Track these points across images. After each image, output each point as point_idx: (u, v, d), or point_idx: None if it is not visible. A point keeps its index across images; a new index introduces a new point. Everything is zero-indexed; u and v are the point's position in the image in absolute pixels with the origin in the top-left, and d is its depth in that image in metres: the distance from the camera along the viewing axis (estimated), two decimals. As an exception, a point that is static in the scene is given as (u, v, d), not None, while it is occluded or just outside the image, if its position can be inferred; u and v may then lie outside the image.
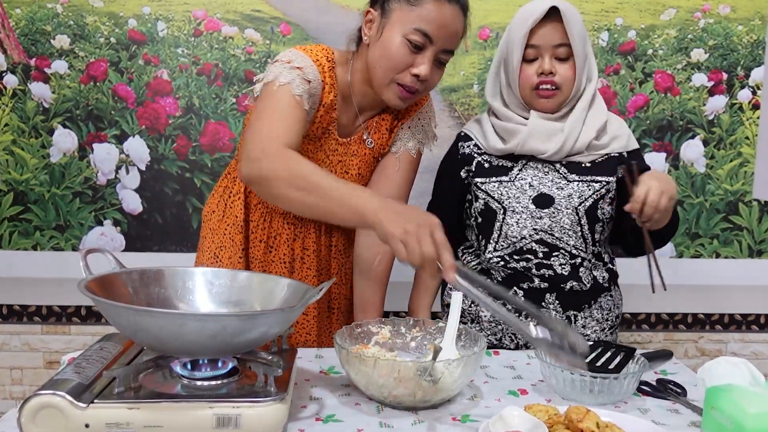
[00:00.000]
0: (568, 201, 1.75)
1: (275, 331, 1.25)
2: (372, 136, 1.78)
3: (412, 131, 1.82)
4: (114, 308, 1.19)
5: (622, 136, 1.82)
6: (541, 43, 1.74)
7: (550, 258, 1.76)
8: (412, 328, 1.56)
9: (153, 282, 1.41)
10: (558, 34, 1.73)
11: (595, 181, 1.77)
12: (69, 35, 2.66)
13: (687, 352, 2.93)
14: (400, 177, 1.81)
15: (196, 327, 1.14)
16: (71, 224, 2.75)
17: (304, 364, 1.57)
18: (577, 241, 1.77)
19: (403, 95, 1.65)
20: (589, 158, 1.79)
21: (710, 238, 2.85)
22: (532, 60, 1.76)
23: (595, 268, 1.80)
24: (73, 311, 2.82)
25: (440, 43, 1.61)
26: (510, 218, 1.77)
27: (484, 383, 1.49)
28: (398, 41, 1.60)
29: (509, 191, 1.78)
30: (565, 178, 1.77)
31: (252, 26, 2.68)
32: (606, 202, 1.78)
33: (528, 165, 1.80)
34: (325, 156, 1.75)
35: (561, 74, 1.75)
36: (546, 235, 1.76)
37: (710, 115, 2.79)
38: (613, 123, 1.84)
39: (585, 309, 1.79)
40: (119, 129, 2.71)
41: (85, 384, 1.18)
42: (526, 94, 1.79)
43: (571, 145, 1.76)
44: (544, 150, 1.77)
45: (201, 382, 1.23)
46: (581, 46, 1.75)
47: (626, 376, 1.35)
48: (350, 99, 1.73)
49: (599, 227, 1.78)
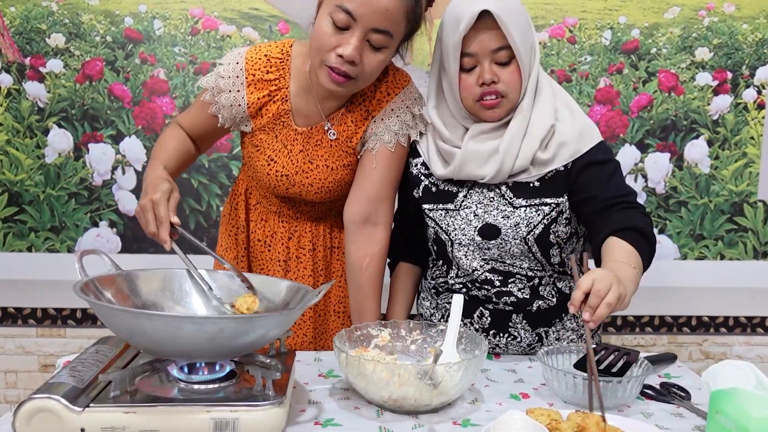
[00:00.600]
0: (515, 231, 1.64)
1: (273, 333, 1.25)
2: (336, 127, 1.75)
3: (387, 124, 1.74)
4: (110, 311, 1.19)
5: (570, 142, 1.63)
6: (477, 50, 1.58)
7: (507, 285, 1.68)
8: (413, 331, 1.56)
9: (149, 284, 1.41)
10: (494, 37, 1.57)
11: (545, 204, 1.64)
12: (64, 34, 2.66)
13: (691, 355, 2.93)
14: (378, 174, 1.75)
15: (193, 330, 1.14)
16: (66, 225, 2.75)
17: (303, 367, 1.57)
18: (532, 264, 1.68)
19: (332, 77, 1.60)
20: (537, 175, 1.65)
21: (715, 239, 2.85)
22: (470, 69, 1.61)
23: (559, 280, 1.71)
24: (69, 314, 2.81)
25: (365, 22, 1.54)
26: (458, 251, 1.69)
27: (486, 387, 1.49)
28: (324, 21, 1.57)
29: (455, 221, 1.69)
30: (510, 204, 1.65)
31: (250, 24, 2.68)
32: (561, 224, 1.65)
33: (473, 190, 1.69)
34: (283, 146, 1.75)
35: (505, 81, 1.60)
36: (497, 264, 1.68)
37: (715, 114, 2.79)
38: (564, 121, 1.66)
39: (556, 323, 1.72)
40: (115, 129, 2.71)
41: (81, 388, 1.18)
42: (469, 106, 1.65)
43: (509, 167, 1.62)
44: (482, 174, 1.64)
45: (198, 385, 1.23)
46: (523, 42, 1.60)
47: (629, 380, 1.35)
48: (310, 89, 1.72)
49: (555, 250, 1.67)
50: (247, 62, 1.71)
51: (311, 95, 1.72)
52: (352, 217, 1.77)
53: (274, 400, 1.17)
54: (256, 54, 1.72)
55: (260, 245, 1.85)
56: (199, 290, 1.46)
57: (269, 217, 1.84)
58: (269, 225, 1.84)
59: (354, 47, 1.56)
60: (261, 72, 1.71)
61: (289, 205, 1.82)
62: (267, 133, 1.74)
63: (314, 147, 1.75)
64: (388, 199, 1.79)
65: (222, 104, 1.73)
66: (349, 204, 1.78)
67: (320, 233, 1.85)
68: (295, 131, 1.74)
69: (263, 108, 1.72)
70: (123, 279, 1.38)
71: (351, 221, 1.77)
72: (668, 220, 2.83)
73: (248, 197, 1.86)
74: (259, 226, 1.85)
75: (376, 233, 1.77)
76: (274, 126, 1.74)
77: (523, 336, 1.71)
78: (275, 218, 1.84)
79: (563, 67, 2.73)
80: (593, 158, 1.64)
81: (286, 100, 1.72)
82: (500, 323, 1.71)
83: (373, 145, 1.74)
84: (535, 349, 1.72)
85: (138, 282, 1.40)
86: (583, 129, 1.66)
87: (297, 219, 1.84)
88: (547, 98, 1.66)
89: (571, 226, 1.68)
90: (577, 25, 2.72)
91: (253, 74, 1.71)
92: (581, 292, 1.32)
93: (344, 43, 1.56)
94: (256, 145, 1.76)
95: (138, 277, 1.41)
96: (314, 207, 1.83)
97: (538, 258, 1.67)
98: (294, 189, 1.76)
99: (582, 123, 1.67)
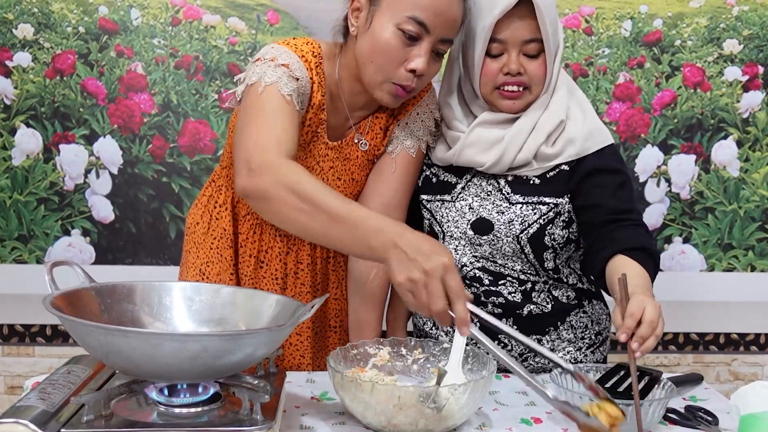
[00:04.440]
0: (508, 228, 1.68)
1: (262, 352, 1.25)
2: (365, 137, 1.76)
3: (411, 128, 1.78)
4: (83, 327, 1.19)
5: (577, 139, 1.68)
6: (508, 37, 1.63)
7: (497, 285, 1.72)
8: (414, 349, 1.56)
9: (126, 298, 1.41)
10: (529, 28, 1.62)
11: (542, 203, 1.69)
12: (33, 24, 2.66)
13: (719, 376, 2.94)
14: (396, 180, 1.78)
15: (174, 348, 1.14)
16: (35, 234, 2.75)
17: (294, 389, 1.57)
18: (525, 266, 1.71)
19: (398, 94, 1.62)
20: (538, 171, 1.70)
21: (744, 249, 2.86)
22: (496, 55, 1.65)
23: (555, 288, 1.75)
24: (38, 330, 2.81)
25: (437, 33, 1.58)
26: (449, 244, 1.74)
27: (494, 411, 1.49)
28: (390, 32, 1.57)
29: (449, 213, 1.74)
30: (507, 200, 1.70)
31: (236, 14, 2.69)
32: (558, 226, 1.69)
33: (472, 182, 1.74)
34: (315, 162, 1.74)
35: (531, 73, 1.65)
36: (488, 263, 1.72)
37: (745, 112, 2.80)
38: (574, 120, 1.71)
39: (550, 331, 1.74)
40: (89, 128, 2.71)
41: (51, 411, 1.18)
42: (487, 92, 1.69)
43: (511, 158, 1.67)
44: (482, 162, 1.69)
45: (179, 409, 1.23)
46: (554, 38, 1.66)
47: (651, 403, 1.36)
48: (339, 98, 1.72)
49: (549, 254, 1.71)
50: (303, 60, 1.64)
51: (340, 104, 1.72)
52: None
53: (262, 425, 1.17)
54: (300, 51, 1.65)
55: (252, 262, 1.81)
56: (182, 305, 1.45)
57: (264, 231, 1.81)
58: (264, 240, 1.81)
59: (425, 60, 1.58)
60: (317, 75, 1.66)
61: None
62: (301, 148, 1.69)
63: (343, 162, 1.76)
64: (402, 207, 1.80)
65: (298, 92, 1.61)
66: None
67: (318, 245, 1.84)
68: (327, 145, 1.74)
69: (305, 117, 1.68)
70: (97, 292, 1.38)
71: None
72: (694, 228, 2.83)
73: (235, 207, 1.82)
74: (250, 240, 1.81)
75: None
76: (309, 140, 1.71)
77: (513, 344, 1.73)
78: (271, 232, 1.80)
79: (579, 60, 2.74)
80: (602, 164, 1.69)
81: (322, 108, 1.70)
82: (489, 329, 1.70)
83: (394, 149, 1.78)
84: (527, 359, 1.73)
85: (113, 296, 1.40)
86: (593, 129, 1.71)
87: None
88: (561, 96, 1.72)
89: (568, 230, 1.71)
90: (594, 15, 2.73)
91: (310, 75, 1.64)
92: (634, 320, 1.35)
93: (414, 56, 1.58)
94: None
95: (114, 291, 1.40)
96: None
97: (530, 260, 1.70)
98: None
99: (593, 124, 1.72)
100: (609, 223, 1.63)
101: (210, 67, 2.69)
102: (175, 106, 2.71)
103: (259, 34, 2.69)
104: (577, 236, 1.73)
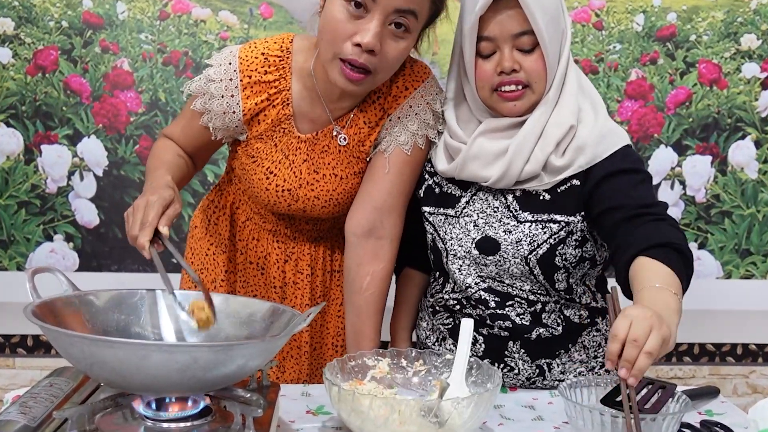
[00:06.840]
0: (515, 248, 1.64)
1: (255, 364, 1.26)
2: (346, 131, 1.75)
3: (404, 123, 1.73)
4: (66, 337, 1.19)
5: (587, 146, 1.62)
6: (495, 34, 1.58)
7: (505, 307, 1.68)
8: (415, 361, 1.56)
9: (111, 307, 1.41)
10: (518, 20, 1.56)
11: (553, 221, 1.63)
12: (13, 18, 2.67)
13: (736, 389, 2.94)
14: (389, 181, 1.75)
15: (162, 359, 1.14)
16: (16, 239, 2.75)
17: (289, 402, 1.57)
18: (534, 287, 1.67)
19: (346, 73, 1.58)
20: (549, 184, 1.64)
21: (763, 255, 2.86)
22: (488, 55, 1.61)
23: (567, 308, 1.71)
24: (18, 341, 2.82)
25: (386, 2, 1.53)
26: (452, 263, 1.70)
27: (499, 426, 1.49)
28: (338, 5, 1.55)
29: (453, 229, 1.70)
30: (515, 217, 1.65)
31: (227, 8, 2.70)
32: (570, 245, 1.64)
33: (477, 195, 1.70)
34: (284, 156, 1.74)
35: (528, 69, 1.60)
36: (495, 283, 1.68)
37: (763, 111, 2.80)
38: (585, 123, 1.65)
39: (561, 354, 1.72)
40: (72, 128, 2.72)
41: (32, 426, 1.19)
42: (485, 96, 1.65)
43: (518, 170, 1.62)
44: (486, 177, 1.64)
45: (168, 424, 1.23)
46: (550, 28, 1.58)
47: (665, 417, 1.36)
48: (314, 89, 1.72)
49: (561, 275, 1.66)
50: (242, 62, 1.69)
51: (317, 97, 1.72)
52: (354, 228, 1.76)
53: (255, 440, 1.18)
54: (252, 52, 1.70)
55: (252, 268, 1.83)
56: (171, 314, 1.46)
57: (262, 236, 1.83)
58: (262, 245, 1.83)
59: (373, 33, 1.54)
60: (258, 73, 1.69)
61: (287, 222, 1.82)
62: (264, 141, 1.73)
63: (320, 155, 1.75)
64: (397, 210, 1.78)
65: (214, 112, 1.71)
66: (353, 213, 1.77)
67: (319, 255, 1.86)
68: (298, 139, 1.74)
69: (261, 114, 1.71)
70: (81, 301, 1.38)
71: (353, 233, 1.76)
72: (709, 233, 2.84)
73: (234, 213, 1.85)
74: (250, 246, 1.84)
75: (380, 248, 1.76)
76: (273, 134, 1.73)
77: (521, 367, 1.71)
78: (269, 238, 1.83)
79: (589, 56, 2.75)
80: (616, 167, 1.62)
81: (287, 104, 1.71)
82: (495, 351, 1.71)
83: (387, 147, 1.74)
84: (535, 383, 1.72)
85: (98, 304, 1.40)
86: (605, 131, 1.64)
87: (295, 239, 1.83)
88: (571, 94, 1.66)
89: (582, 249, 1.67)
90: (604, 9, 2.74)
91: (249, 76, 1.69)
92: (618, 343, 1.25)
93: (362, 30, 1.54)
94: (252, 156, 1.74)
95: (98, 299, 1.41)
96: (315, 225, 1.83)
97: (540, 281, 1.66)
98: (297, 205, 1.76)
99: (605, 126, 1.65)
100: (628, 220, 1.55)
101: (200, 64, 2.69)
102: (163, 104, 2.71)
103: (251, 28, 2.70)
104: (592, 254, 1.69)
